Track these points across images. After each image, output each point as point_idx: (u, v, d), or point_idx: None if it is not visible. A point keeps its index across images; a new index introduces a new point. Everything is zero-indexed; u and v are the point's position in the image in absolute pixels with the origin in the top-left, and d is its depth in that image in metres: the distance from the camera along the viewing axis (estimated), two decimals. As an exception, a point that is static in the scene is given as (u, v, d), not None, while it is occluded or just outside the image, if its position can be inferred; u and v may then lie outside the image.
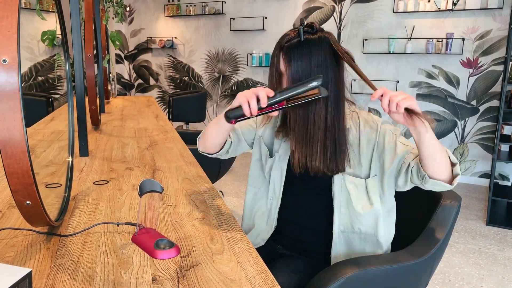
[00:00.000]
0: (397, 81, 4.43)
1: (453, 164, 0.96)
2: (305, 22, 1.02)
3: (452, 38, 4.08)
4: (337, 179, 1.09)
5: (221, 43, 5.54)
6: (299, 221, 1.18)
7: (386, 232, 1.11)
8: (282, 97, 0.91)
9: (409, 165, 1.01)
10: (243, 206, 1.25)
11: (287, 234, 1.21)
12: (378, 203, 1.08)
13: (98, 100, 2.12)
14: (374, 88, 0.90)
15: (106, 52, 3.72)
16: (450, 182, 0.97)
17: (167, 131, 2.18)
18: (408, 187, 1.06)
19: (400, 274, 0.96)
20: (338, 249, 1.11)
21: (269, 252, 1.22)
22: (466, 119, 4.18)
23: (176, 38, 5.89)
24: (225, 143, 1.19)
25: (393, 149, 1.04)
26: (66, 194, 1.05)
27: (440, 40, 4.14)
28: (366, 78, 0.94)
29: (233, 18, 5.35)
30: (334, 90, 1.01)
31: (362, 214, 1.08)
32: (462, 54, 4.08)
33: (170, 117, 4.59)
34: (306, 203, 1.18)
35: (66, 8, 1.27)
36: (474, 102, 4.13)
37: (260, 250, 1.22)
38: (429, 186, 0.98)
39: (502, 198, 3.20)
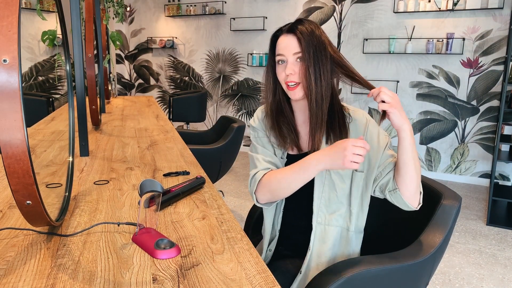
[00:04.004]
0: (397, 81, 4.43)
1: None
2: None
3: (453, 38, 4.08)
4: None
5: (221, 43, 5.54)
6: (286, 219, 1.20)
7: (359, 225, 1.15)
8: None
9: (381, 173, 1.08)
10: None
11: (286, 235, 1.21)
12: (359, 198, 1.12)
13: (98, 100, 2.12)
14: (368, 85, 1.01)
15: (107, 52, 3.72)
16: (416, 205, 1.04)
17: (168, 131, 2.18)
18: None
19: (400, 274, 0.96)
20: (314, 243, 1.11)
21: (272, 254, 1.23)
22: (467, 119, 4.18)
23: (176, 38, 5.89)
24: None
25: (382, 150, 1.09)
26: (67, 194, 1.05)
27: (441, 40, 4.14)
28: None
29: (234, 18, 5.35)
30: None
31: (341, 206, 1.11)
32: (462, 54, 4.08)
33: (171, 117, 4.59)
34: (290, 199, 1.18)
35: (67, 8, 1.27)
36: (474, 102, 4.13)
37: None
38: (394, 199, 1.05)
39: (502, 198, 3.20)
